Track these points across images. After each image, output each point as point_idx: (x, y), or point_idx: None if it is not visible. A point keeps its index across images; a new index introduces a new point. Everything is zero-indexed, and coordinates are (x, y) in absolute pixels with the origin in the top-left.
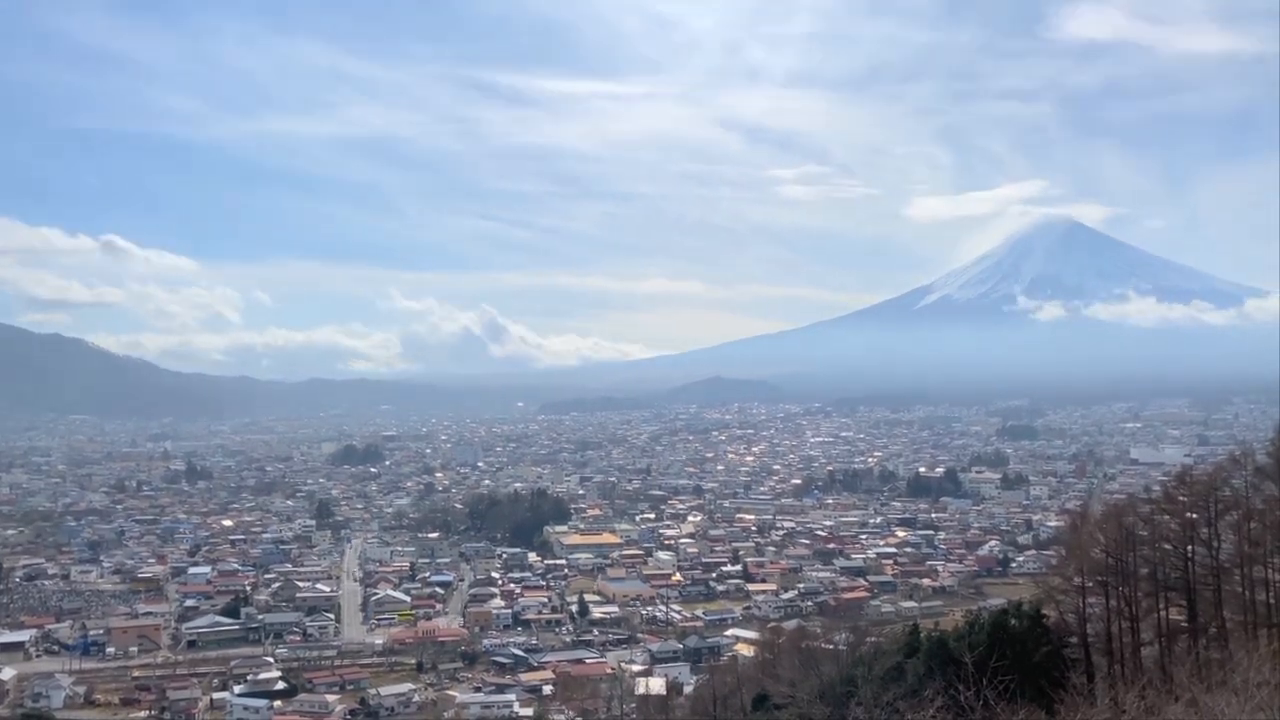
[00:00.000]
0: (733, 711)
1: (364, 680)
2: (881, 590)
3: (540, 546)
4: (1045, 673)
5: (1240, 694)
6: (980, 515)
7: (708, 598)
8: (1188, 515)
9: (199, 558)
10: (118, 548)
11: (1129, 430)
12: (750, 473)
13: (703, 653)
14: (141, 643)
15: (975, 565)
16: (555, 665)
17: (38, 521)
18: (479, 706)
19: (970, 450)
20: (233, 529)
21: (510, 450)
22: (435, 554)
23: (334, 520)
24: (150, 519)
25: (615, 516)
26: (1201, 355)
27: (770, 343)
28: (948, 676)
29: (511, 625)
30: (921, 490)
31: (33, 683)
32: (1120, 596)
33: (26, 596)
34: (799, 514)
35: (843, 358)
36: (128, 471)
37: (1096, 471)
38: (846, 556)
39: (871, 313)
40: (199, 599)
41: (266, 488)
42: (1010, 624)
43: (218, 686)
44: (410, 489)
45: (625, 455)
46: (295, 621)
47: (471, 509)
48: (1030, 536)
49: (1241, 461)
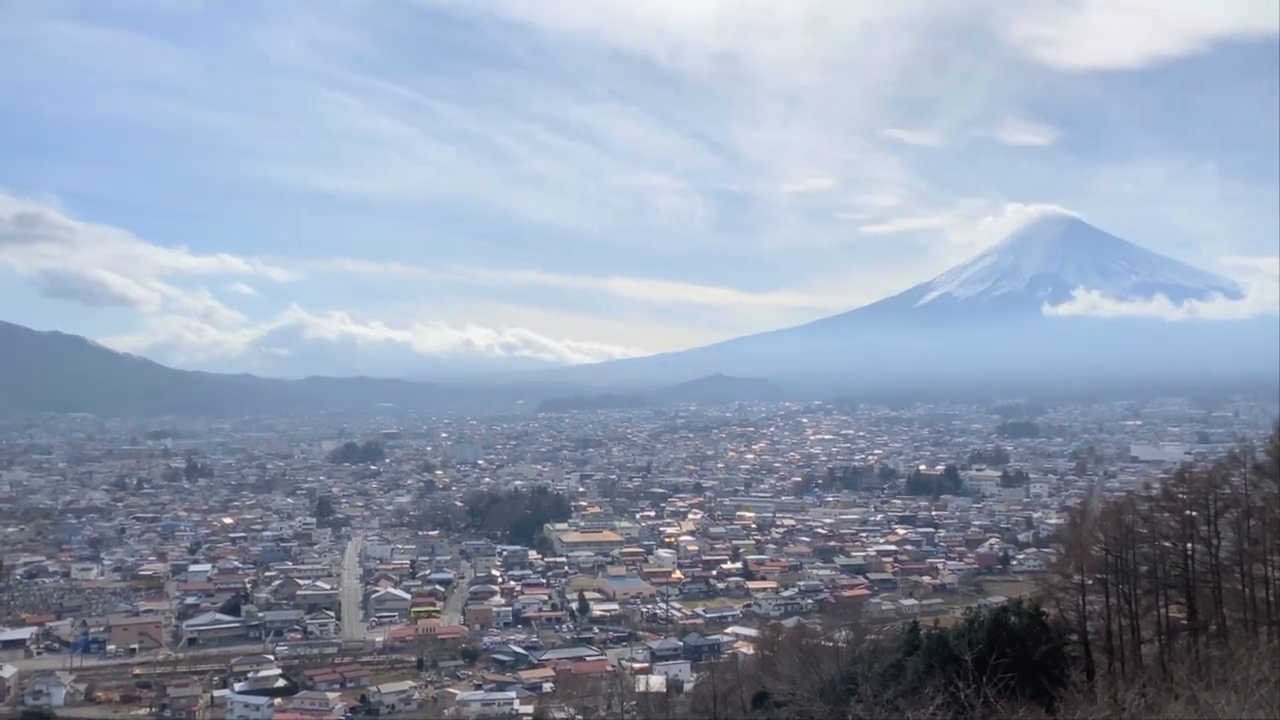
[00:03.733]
0: (733, 709)
1: (364, 678)
2: (881, 588)
3: (540, 544)
4: (1045, 670)
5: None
6: (980, 513)
7: (708, 595)
8: (1187, 513)
9: (199, 555)
10: (118, 545)
11: (1129, 428)
12: (750, 470)
13: (703, 650)
14: (142, 640)
15: (975, 563)
16: (555, 663)
17: (38, 519)
18: (479, 704)
19: (970, 448)
20: (233, 527)
21: (510, 448)
22: (435, 552)
23: (334, 518)
24: (151, 516)
25: (615, 514)
26: (1202, 353)
27: (771, 340)
28: (948, 674)
29: (512, 623)
30: (922, 488)
31: (33, 680)
32: (1120, 594)
33: (27, 594)
34: (799, 512)
35: (843, 355)
36: (128, 469)
37: (1096, 469)
38: (847, 554)
39: (872, 310)
40: (199, 596)
41: (267, 485)
42: (1010, 621)
43: (218, 684)
44: (410, 487)
45: (625, 453)
46: (296, 619)
47: (472, 507)
48: (1030, 534)
49: (1241, 459)
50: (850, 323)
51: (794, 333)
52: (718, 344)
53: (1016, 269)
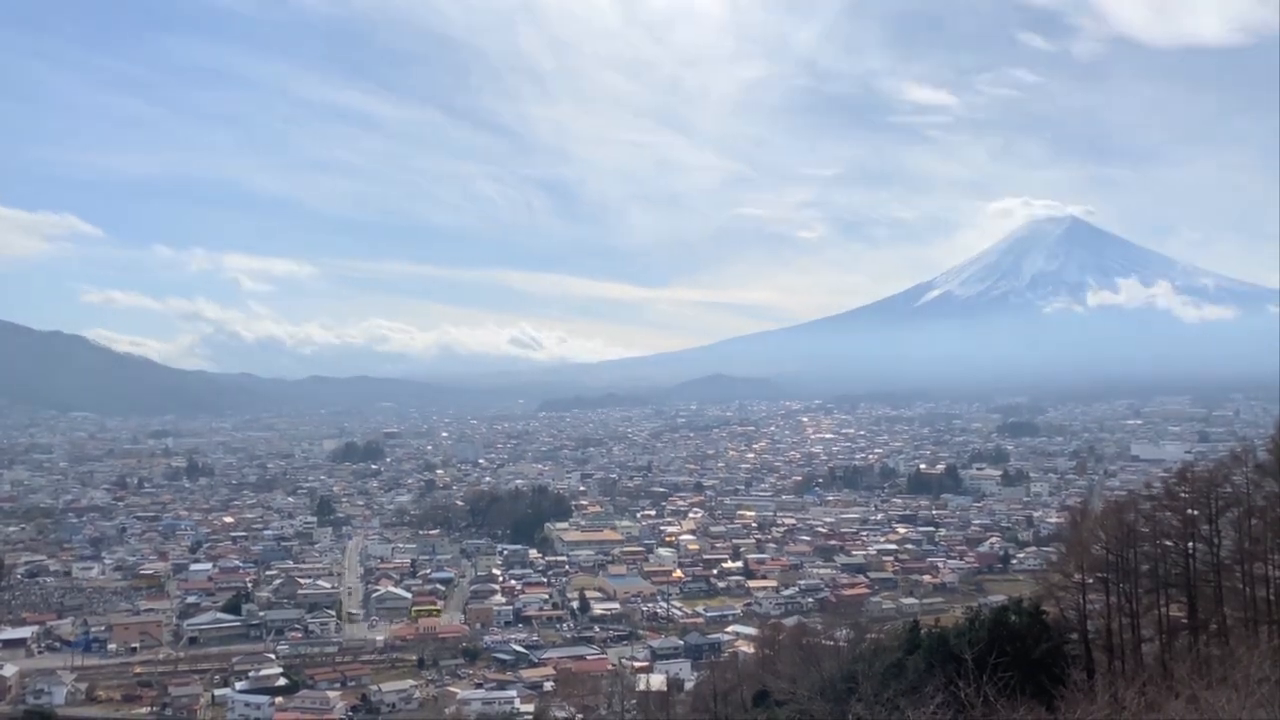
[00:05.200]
0: (733, 708)
1: (365, 677)
2: (882, 587)
3: (541, 543)
4: (1045, 669)
5: (1240, 690)
6: (981, 512)
7: (708, 594)
8: (1188, 512)
9: (200, 554)
10: (119, 544)
11: (1130, 427)
12: (751, 470)
13: (703, 649)
14: (143, 639)
15: (976, 562)
16: (556, 662)
17: (39, 518)
18: (480, 703)
19: (971, 447)
20: (234, 526)
21: (511, 447)
22: (436, 551)
23: (335, 517)
24: (151, 516)
25: (616, 513)
26: (1203, 351)
27: (771, 340)
28: (948, 673)
29: (512, 622)
30: (922, 487)
31: (34, 679)
32: (1121, 593)
33: (28, 593)
34: (799, 511)
35: (844, 354)
36: (129, 468)
37: (1097, 468)
38: (847, 553)
39: (873, 309)
40: (200, 596)
41: (268, 484)
42: (1010, 620)
43: (219, 683)
44: (411, 486)
45: (626, 452)
46: (296, 618)
47: (472, 506)
48: (1031, 533)
49: (1242, 458)
50: (850, 322)
51: (794, 332)
52: (718, 343)
53: (1017, 268)
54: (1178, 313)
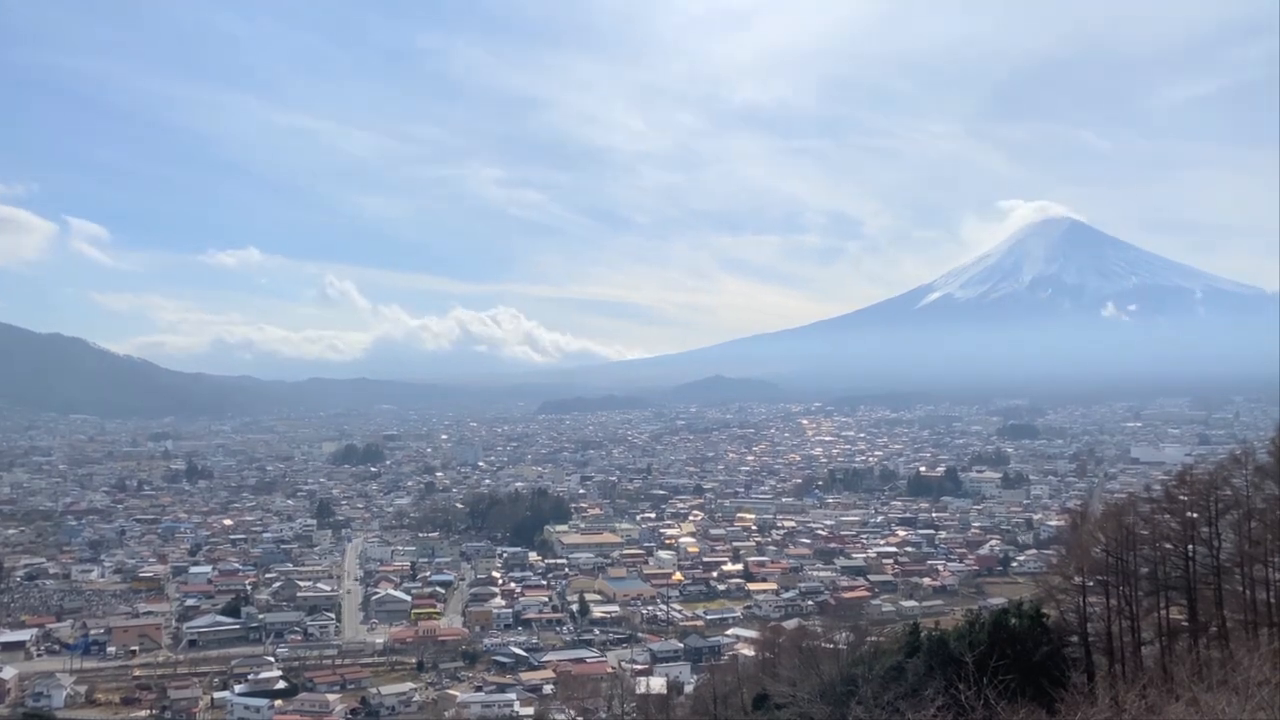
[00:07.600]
0: (733, 710)
1: (365, 679)
2: (882, 589)
3: (541, 546)
4: (1046, 672)
5: (1241, 693)
6: (981, 514)
7: (708, 597)
8: (1188, 514)
9: (200, 557)
10: (118, 547)
11: (1129, 429)
12: (751, 472)
13: (703, 652)
14: (142, 642)
15: (976, 564)
16: (556, 664)
17: (39, 521)
18: (479, 706)
19: (971, 449)
20: (233, 528)
21: (511, 450)
22: (436, 553)
23: (335, 520)
24: (151, 518)
25: (616, 516)
26: (1202, 354)
27: (771, 342)
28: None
29: (512, 624)
30: (922, 489)
31: (34, 682)
32: (1121, 596)
33: (27, 596)
34: (799, 513)
35: (843, 357)
36: (128, 471)
37: (1097, 471)
38: (847, 556)
39: (872, 312)
40: (200, 598)
41: (267, 487)
42: (1010, 623)
43: (218, 686)
44: (411, 488)
45: (626, 455)
46: (296, 621)
47: (472, 508)
48: (1031, 536)
49: (1242, 460)
50: (851, 324)
51: (794, 334)
52: (718, 345)
53: (1017, 270)
54: (1178, 314)
